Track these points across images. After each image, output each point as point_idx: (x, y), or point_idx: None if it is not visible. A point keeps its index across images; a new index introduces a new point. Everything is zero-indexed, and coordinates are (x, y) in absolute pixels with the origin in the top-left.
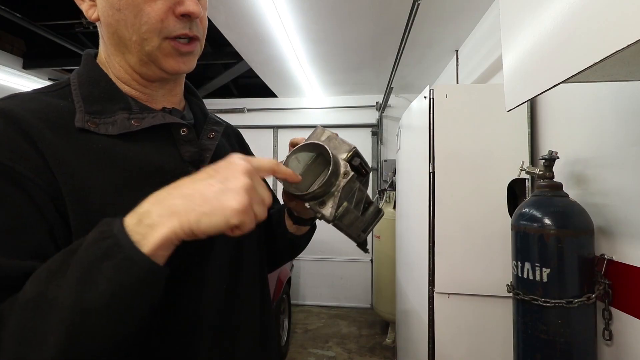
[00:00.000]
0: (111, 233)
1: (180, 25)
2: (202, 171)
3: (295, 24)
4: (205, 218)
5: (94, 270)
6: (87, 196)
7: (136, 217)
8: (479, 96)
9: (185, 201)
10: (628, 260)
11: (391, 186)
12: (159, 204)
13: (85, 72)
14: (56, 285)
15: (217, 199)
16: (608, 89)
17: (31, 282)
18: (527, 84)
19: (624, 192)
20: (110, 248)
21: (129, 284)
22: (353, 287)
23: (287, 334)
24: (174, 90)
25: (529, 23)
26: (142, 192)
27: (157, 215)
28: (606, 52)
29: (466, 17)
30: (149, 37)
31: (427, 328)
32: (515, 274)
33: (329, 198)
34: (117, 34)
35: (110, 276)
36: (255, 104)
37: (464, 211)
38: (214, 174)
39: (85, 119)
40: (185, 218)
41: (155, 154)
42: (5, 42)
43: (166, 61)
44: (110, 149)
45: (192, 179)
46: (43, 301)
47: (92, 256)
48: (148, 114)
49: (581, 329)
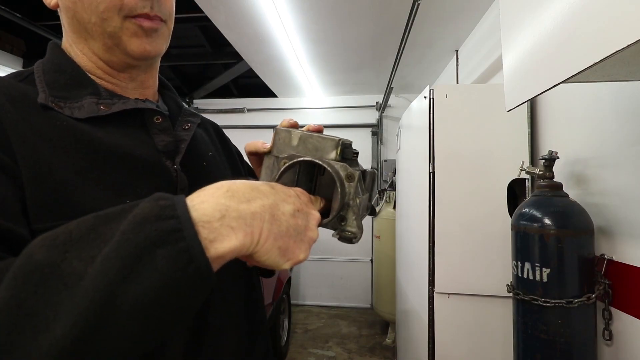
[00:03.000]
0: (173, 213)
1: (142, 3)
2: (285, 189)
3: (295, 24)
4: (274, 252)
5: (145, 256)
6: (46, 176)
7: (216, 211)
8: (479, 96)
9: (271, 223)
10: (628, 260)
11: (391, 186)
12: (239, 205)
13: (50, 60)
14: (78, 258)
15: (296, 243)
16: (608, 89)
17: (41, 245)
18: (527, 84)
19: (624, 192)
20: (170, 233)
21: (185, 290)
22: (353, 287)
23: (287, 334)
24: (146, 83)
25: (529, 23)
26: (109, 177)
27: (234, 218)
28: (606, 52)
29: (466, 17)
30: (108, 16)
31: (427, 328)
32: (515, 274)
33: (347, 211)
34: (76, 18)
35: (164, 270)
36: (255, 104)
37: (464, 211)
38: (299, 206)
39: (49, 99)
40: (263, 242)
41: (125, 140)
42: (5, 42)
43: (130, 42)
44: (75, 129)
45: (278, 194)
46: (54, 274)
47: (145, 237)
48: (119, 100)
49: (581, 329)
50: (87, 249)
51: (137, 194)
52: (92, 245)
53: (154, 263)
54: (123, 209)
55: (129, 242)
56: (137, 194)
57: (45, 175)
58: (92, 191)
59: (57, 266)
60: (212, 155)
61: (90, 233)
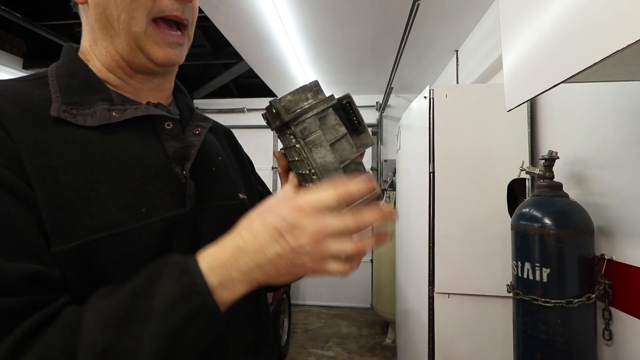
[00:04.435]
0: (196, 290)
1: (173, 6)
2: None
3: (295, 24)
4: (280, 280)
5: (184, 331)
6: (59, 190)
7: (217, 279)
8: (479, 96)
9: (262, 273)
10: (628, 260)
11: (391, 186)
12: (240, 269)
13: (64, 64)
14: (130, 337)
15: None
16: (608, 89)
17: (96, 328)
18: (527, 84)
19: (624, 192)
20: (199, 310)
21: (209, 337)
22: (353, 287)
23: (287, 334)
24: (162, 86)
25: (529, 23)
26: (121, 186)
27: (238, 282)
28: (606, 52)
29: (466, 17)
30: (137, 15)
31: (427, 328)
32: (515, 274)
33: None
34: (105, 14)
35: (198, 335)
36: (255, 104)
37: (464, 211)
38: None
39: (62, 109)
40: (260, 283)
41: (137, 147)
42: (5, 42)
43: (154, 49)
44: (87, 142)
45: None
46: (116, 351)
47: (182, 317)
48: (130, 105)
49: (581, 329)
50: (134, 327)
51: (149, 201)
52: (135, 323)
53: (191, 333)
54: (149, 280)
55: (167, 325)
56: (149, 202)
57: (57, 196)
58: (104, 204)
59: (115, 346)
60: (221, 160)
61: (131, 312)
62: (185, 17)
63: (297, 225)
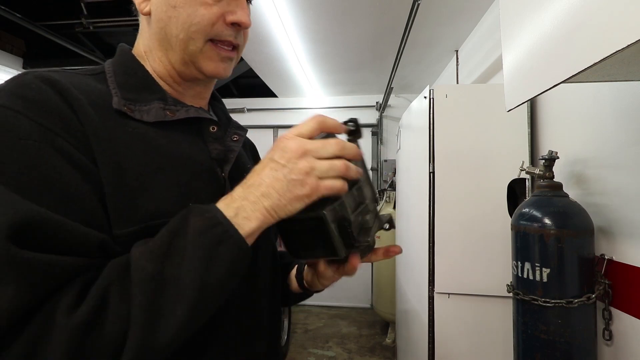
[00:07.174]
0: (218, 221)
1: (228, 32)
2: (265, 161)
3: (295, 24)
4: (288, 207)
5: (214, 253)
6: (122, 176)
7: (233, 210)
8: (479, 96)
9: (268, 199)
10: (628, 260)
11: (391, 186)
12: (249, 199)
13: (121, 62)
14: (172, 265)
15: (290, 192)
16: (608, 89)
17: (144, 259)
18: (527, 84)
19: (624, 192)
20: (223, 235)
21: (239, 266)
22: (353, 287)
23: (287, 334)
24: (202, 94)
25: (529, 23)
26: (174, 179)
27: (250, 210)
28: (606, 52)
29: (466, 17)
30: (196, 37)
31: (427, 328)
32: (515, 274)
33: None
34: (165, 30)
35: (228, 259)
36: (255, 104)
37: (464, 211)
38: (278, 165)
39: (122, 102)
40: (271, 212)
41: (186, 145)
42: (5, 42)
43: (206, 63)
44: (145, 134)
45: (263, 173)
46: (162, 279)
47: (209, 241)
48: (182, 107)
49: (581, 329)
50: (175, 256)
51: (197, 196)
52: (175, 254)
53: (221, 255)
54: (181, 225)
55: (201, 248)
56: (197, 197)
57: (120, 181)
58: (158, 194)
59: (162, 273)
60: (249, 168)
61: (170, 246)
62: (238, 42)
63: (283, 147)
